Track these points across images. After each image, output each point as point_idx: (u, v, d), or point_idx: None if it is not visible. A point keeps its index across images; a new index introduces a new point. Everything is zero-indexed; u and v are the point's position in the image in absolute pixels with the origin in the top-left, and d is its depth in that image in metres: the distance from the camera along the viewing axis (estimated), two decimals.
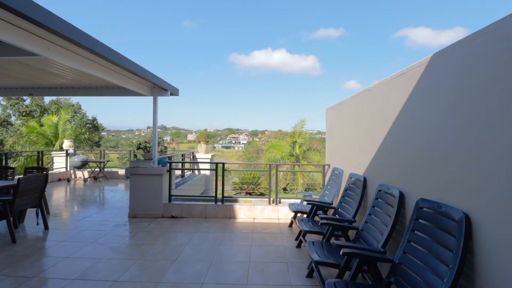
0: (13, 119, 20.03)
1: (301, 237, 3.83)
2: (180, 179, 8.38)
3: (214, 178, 5.60)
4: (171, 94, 5.89)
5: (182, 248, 3.81)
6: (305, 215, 4.40)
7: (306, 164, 14.89)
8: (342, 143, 4.78)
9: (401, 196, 2.50)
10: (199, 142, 11.23)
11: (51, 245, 3.88)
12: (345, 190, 3.88)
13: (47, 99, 21.81)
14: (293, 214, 4.68)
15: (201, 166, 9.82)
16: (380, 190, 2.90)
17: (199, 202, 5.44)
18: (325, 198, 4.64)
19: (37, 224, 4.60)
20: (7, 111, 20.31)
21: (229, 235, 4.36)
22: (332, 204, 4.15)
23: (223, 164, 5.55)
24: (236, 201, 5.71)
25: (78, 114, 23.25)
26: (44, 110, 20.50)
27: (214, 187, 5.59)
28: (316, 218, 4.21)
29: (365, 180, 3.44)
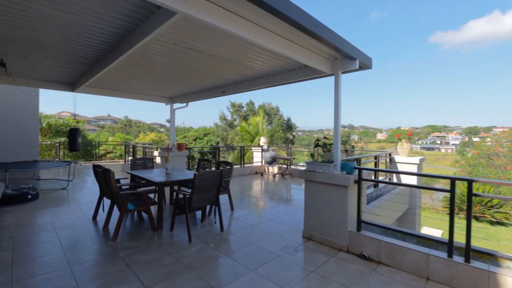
0: (237, 122, 26.60)
1: None
2: (372, 189, 6.17)
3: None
4: (360, 67, 3.91)
5: None
6: None
7: None
8: None
9: None
10: (399, 140, 8.27)
11: (212, 258, 3.22)
12: None
13: (256, 105, 26.97)
14: None
15: (404, 176, 6.93)
16: None
17: (413, 246, 3.08)
18: None
19: (215, 223, 4.39)
20: (234, 116, 27.29)
21: None
22: None
23: (471, 182, 2.77)
24: (497, 260, 2.75)
25: (277, 116, 26.73)
26: (254, 114, 25.38)
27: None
28: None
29: None
